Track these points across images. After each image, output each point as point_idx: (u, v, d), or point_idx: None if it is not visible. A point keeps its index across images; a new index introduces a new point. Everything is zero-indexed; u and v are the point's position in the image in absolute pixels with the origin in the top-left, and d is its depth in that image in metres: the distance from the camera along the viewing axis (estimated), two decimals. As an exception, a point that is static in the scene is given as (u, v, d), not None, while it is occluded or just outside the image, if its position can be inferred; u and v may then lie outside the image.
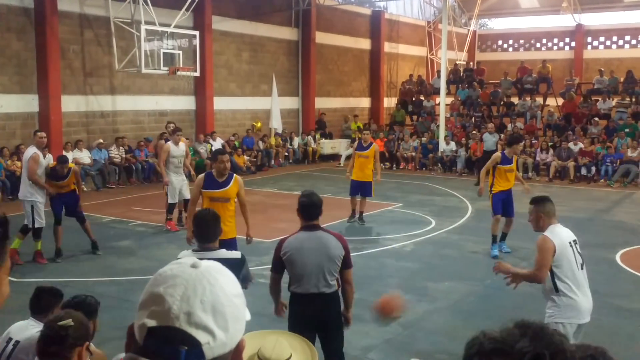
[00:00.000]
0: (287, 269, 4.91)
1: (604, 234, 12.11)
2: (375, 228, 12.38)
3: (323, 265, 4.79)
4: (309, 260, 4.78)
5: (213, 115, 20.76)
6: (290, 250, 4.84)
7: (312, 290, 4.83)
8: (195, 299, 1.20)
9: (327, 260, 4.80)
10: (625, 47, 29.47)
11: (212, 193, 7.15)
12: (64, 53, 16.78)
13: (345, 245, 4.91)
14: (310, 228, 4.90)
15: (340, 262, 4.86)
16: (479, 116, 24.44)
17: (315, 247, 4.80)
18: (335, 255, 4.82)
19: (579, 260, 5.05)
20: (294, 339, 2.79)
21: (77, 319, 3.00)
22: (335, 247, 4.83)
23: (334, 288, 4.91)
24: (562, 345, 1.02)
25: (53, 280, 8.16)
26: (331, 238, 4.87)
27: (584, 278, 5.05)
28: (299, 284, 4.86)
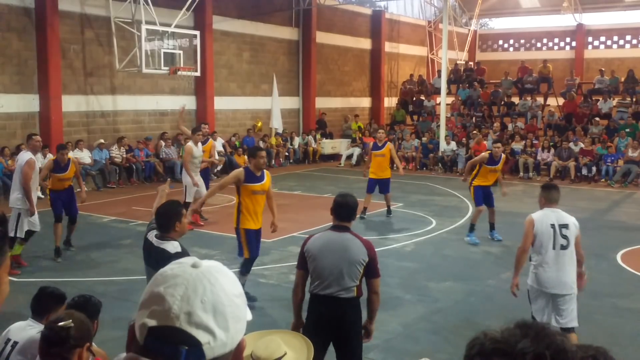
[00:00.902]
0: (308, 266, 4.78)
1: (604, 234, 12.11)
2: (375, 228, 12.38)
3: (342, 268, 4.64)
4: (328, 260, 4.66)
5: (214, 115, 20.75)
6: (313, 247, 4.75)
7: (328, 291, 4.68)
8: (195, 299, 1.20)
9: (347, 263, 4.64)
10: (626, 46, 29.45)
11: (254, 186, 7.66)
12: (64, 53, 16.79)
13: (370, 253, 4.71)
14: (338, 228, 4.80)
15: (361, 268, 4.68)
16: (479, 116, 24.44)
17: (338, 249, 4.68)
18: (356, 260, 4.65)
19: (558, 241, 5.76)
20: (291, 336, 2.78)
21: (78, 319, 2.99)
22: (357, 252, 4.67)
23: (352, 294, 4.70)
24: (563, 345, 1.02)
25: (53, 280, 8.17)
26: (356, 242, 4.72)
27: (557, 256, 5.75)
28: (317, 284, 4.73)
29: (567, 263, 5.79)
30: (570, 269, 5.80)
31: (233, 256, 9.94)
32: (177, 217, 4.89)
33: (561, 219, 5.86)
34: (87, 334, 3.01)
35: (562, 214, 5.93)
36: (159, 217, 4.92)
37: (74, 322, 2.92)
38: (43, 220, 9.99)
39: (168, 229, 4.85)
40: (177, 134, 19.63)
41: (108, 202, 14.98)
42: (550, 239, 5.77)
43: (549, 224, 5.80)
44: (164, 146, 18.93)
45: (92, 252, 10.39)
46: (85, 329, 2.99)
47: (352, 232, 4.82)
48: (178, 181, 17.86)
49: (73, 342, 2.88)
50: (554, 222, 5.82)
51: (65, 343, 2.86)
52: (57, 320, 2.92)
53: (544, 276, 5.79)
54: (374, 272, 4.74)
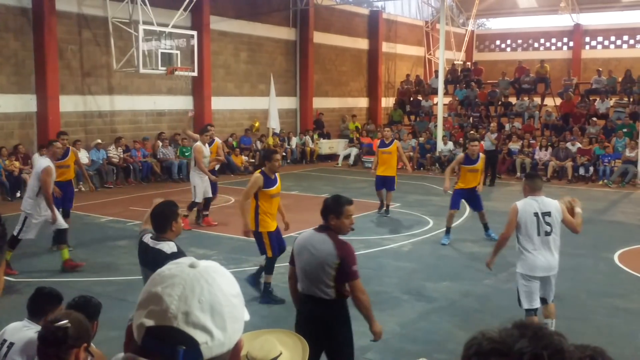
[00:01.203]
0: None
1: (602, 234, 12.12)
2: (373, 228, 12.38)
3: (315, 268, 4.58)
4: (304, 260, 4.65)
5: (211, 115, 20.73)
6: (296, 245, 4.78)
7: (308, 291, 4.68)
8: (193, 299, 1.20)
9: (318, 264, 4.56)
10: (623, 47, 29.49)
11: (271, 190, 7.82)
12: (62, 53, 16.77)
13: (342, 255, 4.54)
14: (319, 228, 4.75)
15: (333, 271, 4.53)
16: (476, 116, 24.46)
17: (311, 249, 4.63)
18: (325, 261, 4.54)
19: (542, 228, 6.12)
20: (286, 335, 2.77)
21: (75, 320, 2.98)
22: (327, 254, 4.54)
23: (331, 296, 4.60)
24: (560, 345, 1.02)
25: (50, 280, 8.15)
26: (328, 243, 4.58)
27: (543, 242, 6.13)
28: (300, 282, 4.76)
29: (552, 247, 6.18)
30: (555, 251, 6.22)
31: (231, 256, 9.95)
32: (173, 217, 4.88)
33: (544, 207, 6.17)
34: (85, 334, 3.00)
35: (545, 201, 6.23)
36: (155, 218, 4.89)
37: (72, 323, 2.91)
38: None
39: (164, 229, 4.83)
40: (174, 134, 19.63)
41: (105, 202, 14.96)
42: (535, 227, 6.12)
43: (532, 212, 6.12)
44: (161, 146, 18.91)
45: (90, 252, 10.37)
46: (83, 330, 2.98)
47: (329, 232, 4.66)
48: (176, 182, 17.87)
49: (70, 342, 2.87)
50: (537, 210, 6.14)
51: (62, 343, 2.85)
52: (55, 320, 2.91)
53: (534, 262, 6.14)
54: (348, 275, 4.57)
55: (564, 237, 6.41)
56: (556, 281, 6.44)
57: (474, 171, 10.88)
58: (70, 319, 2.94)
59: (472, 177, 10.89)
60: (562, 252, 10.48)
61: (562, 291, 8.54)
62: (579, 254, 10.53)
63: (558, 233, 6.23)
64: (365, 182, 18.85)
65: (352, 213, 4.70)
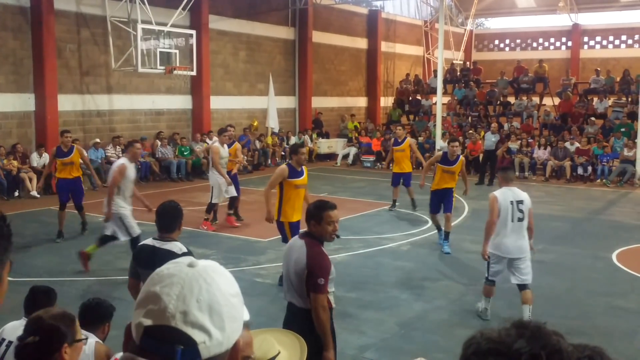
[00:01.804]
0: None
1: (600, 234, 12.14)
2: (372, 227, 12.38)
3: (294, 275, 4.38)
4: (286, 265, 4.53)
5: (210, 115, 20.73)
6: (284, 251, 4.75)
7: (287, 297, 4.53)
8: (191, 298, 1.19)
9: (294, 272, 4.36)
10: (621, 46, 29.52)
11: (296, 181, 8.15)
12: (60, 52, 16.75)
13: (310, 264, 4.27)
14: (302, 234, 4.58)
15: (302, 280, 4.31)
16: (475, 115, 24.48)
17: (290, 255, 4.46)
18: (296, 269, 4.34)
19: (515, 215, 6.91)
20: (284, 335, 2.76)
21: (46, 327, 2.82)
22: (298, 261, 4.33)
23: (308, 306, 4.34)
24: (558, 345, 1.02)
25: (49, 280, 8.14)
26: (301, 250, 4.35)
27: (515, 227, 6.91)
28: (284, 289, 4.62)
29: (523, 232, 6.99)
30: (525, 236, 7.00)
31: (229, 256, 9.95)
32: (181, 217, 4.84)
33: (517, 196, 6.97)
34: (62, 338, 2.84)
35: (517, 192, 7.05)
36: (161, 218, 4.80)
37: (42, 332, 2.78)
38: (37, 220, 9.97)
39: (172, 228, 4.76)
40: (173, 134, 19.62)
41: (104, 202, 14.91)
42: (509, 214, 6.89)
43: (509, 200, 6.91)
44: (159, 145, 18.89)
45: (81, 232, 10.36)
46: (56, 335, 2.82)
47: (307, 239, 4.41)
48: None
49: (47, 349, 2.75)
50: (512, 199, 6.93)
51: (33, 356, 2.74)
52: (22, 337, 2.80)
53: (504, 244, 6.95)
54: (310, 286, 4.27)
55: (564, 236, 6.45)
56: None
57: (450, 172, 10.53)
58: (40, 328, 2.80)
59: (448, 178, 10.58)
60: (561, 251, 10.55)
61: (560, 290, 8.56)
62: (577, 253, 10.54)
63: (527, 219, 6.98)
64: (364, 182, 18.85)
65: (334, 219, 4.40)
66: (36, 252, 10.04)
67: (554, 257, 10.27)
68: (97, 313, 4.09)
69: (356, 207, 14.35)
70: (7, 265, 1.49)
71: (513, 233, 6.92)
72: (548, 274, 9.25)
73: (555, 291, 8.49)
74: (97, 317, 4.08)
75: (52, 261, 9.71)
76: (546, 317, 7.23)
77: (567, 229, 12.54)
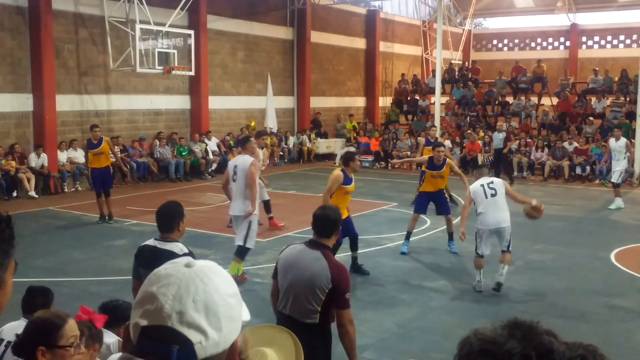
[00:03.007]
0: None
1: (598, 233, 12.15)
2: (370, 227, 12.38)
3: (301, 289, 4.15)
4: (290, 277, 4.22)
5: (208, 115, 20.73)
6: (283, 259, 4.35)
7: (287, 312, 4.24)
8: (187, 298, 1.19)
9: (306, 285, 4.13)
10: (619, 46, 29.54)
11: (349, 187, 8.53)
12: (58, 52, 16.74)
13: (337, 279, 4.11)
14: (311, 244, 4.30)
15: (323, 295, 4.11)
16: (474, 115, 24.49)
17: (301, 267, 4.19)
18: (316, 284, 4.11)
19: (488, 192, 8.28)
20: (279, 332, 2.75)
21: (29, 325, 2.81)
22: (319, 275, 4.11)
23: (314, 320, 4.16)
24: (550, 345, 1.02)
25: (48, 280, 8.14)
26: (322, 263, 4.15)
27: (490, 203, 8.24)
28: (280, 300, 4.33)
29: (499, 205, 8.25)
30: (503, 208, 8.28)
31: (228, 256, 9.94)
32: (179, 217, 4.83)
33: (487, 180, 8.42)
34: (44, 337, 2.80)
35: (489, 178, 8.51)
36: (160, 217, 4.79)
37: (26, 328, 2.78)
38: (36, 220, 9.96)
39: (171, 228, 4.75)
40: (171, 133, 19.62)
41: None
42: (482, 193, 8.26)
43: (479, 184, 8.34)
44: (158, 145, 18.89)
45: (87, 251, 10.37)
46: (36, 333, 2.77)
47: (325, 250, 4.25)
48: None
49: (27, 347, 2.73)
50: (482, 182, 8.36)
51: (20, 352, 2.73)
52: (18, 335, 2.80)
53: (486, 219, 8.26)
54: (340, 302, 4.14)
55: (563, 237, 6.49)
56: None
57: (439, 177, 10.50)
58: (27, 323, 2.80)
59: (436, 181, 10.53)
60: (559, 251, 10.56)
61: (559, 290, 8.57)
62: (576, 253, 10.55)
63: (502, 195, 8.28)
64: (363, 182, 18.85)
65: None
66: (35, 253, 10.03)
67: (552, 256, 10.28)
68: (114, 314, 4.08)
69: (355, 207, 14.29)
70: (10, 268, 1.49)
71: (490, 208, 8.19)
72: (546, 274, 9.27)
73: (554, 291, 8.51)
74: (114, 319, 4.06)
75: (51, 261, 9.71)
76: (544, 316, 7.25)
77: (566, 229, 12.55)
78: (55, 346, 2.77)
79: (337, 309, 4.17)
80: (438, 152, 10.49)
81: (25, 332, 2.76)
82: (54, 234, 11.63)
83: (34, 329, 2.80)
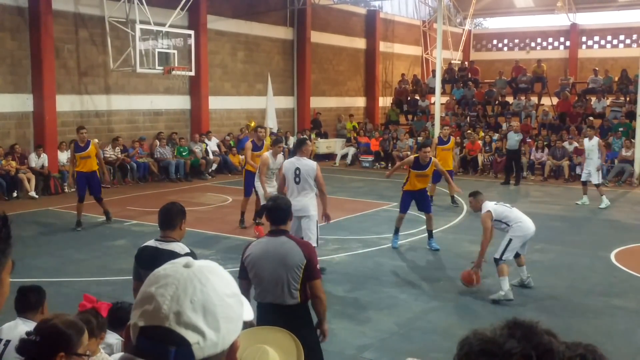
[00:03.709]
0: (249, 274, 4.61)
1: (598, 233, 12.15)
2: (370, 227, 12.39)
3: (281, 273, 4.48)
4: (267, 266, 4.51)
5: (208, 115, 20.73)
6: (250, 255, 4.61)
7: (270, 300, 4.54)
8: (185, 299, 1.19)
9: (284, 268, 4.48)
10: (619, 46, 29.53)
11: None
12: (58, 52, 16.74)
13: (308, 254, 4.54)
14: (274, 233, 4.66)
15: (300, 272, 4.50)
16: (474, 115, 24.49)
17: (274, 254, 4.53)
18: (293, 263, 4.48)
19: (506, 206, 8.50)
20: (279, 333, 2.74)
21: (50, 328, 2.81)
22: (294, 255, 4.50)
23: (296, 300, 4.54)
24: (550, 345, 1.02)
25: (49, 280, 8.15)
26: (293, 245, 4.56)
27: (517, 213, 8.39)
28: (259, 292, 4.60)
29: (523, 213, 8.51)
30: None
31: (228, 256, 9.95)
32: (181, 216, 4.83)
33: (493, 201, 8.57)
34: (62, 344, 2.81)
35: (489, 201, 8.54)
36: (164, 214, 4.78)
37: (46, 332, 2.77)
38: (36, 221, 9.94)
39: (173, 226, 4.73)
40: (171, 134, 19.62)
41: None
42: (504, 208, 8.36)
43: (493, 204, 8.38)
44: (158, 146, 18.89)
45: (87, 251, 10.37)
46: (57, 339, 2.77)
47: (288, 235, 4.67)
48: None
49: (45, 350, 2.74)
50: (492, 203, 8.45)
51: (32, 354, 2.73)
52: (28, 333, 2.80)
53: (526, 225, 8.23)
54: (312, 274, 4.55)
55: (563, 237, 6.51)
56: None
57: (424, 176, 10.68)
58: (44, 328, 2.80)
59: (420, 180, 10.68)
60: (559, 251, 10.56)
61: (559, 290, 8.56)
62: (576, 252, 10.55)
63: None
64: (363, 182, 18.87)
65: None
66: (35, 253, 10.03)
67: (552, 256, 10.28)
68: (120, 316, 4.08)
69: (355, 207, 14.36)
70: (8, 267, 1.48)
71: (522, 216, 8.34)
72: (547, 274, 9.26)
73: (554, 290, 8.51)
74: (120, 320, 4.05)
75: (51, 262, 9.71)
76: (545, 316, 7.25)
77: (566, 229, 12.54)
78: (74, 353, 2.80)
79: (311, 280, 4.54)
80: (424, 153, 10.61)
81: (46, 336, 2.74)
82: (54, 234, 11.64)
83: (57, 335, 2.79)
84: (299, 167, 8.75)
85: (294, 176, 8.71)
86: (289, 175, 8.74)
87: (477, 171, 21.00)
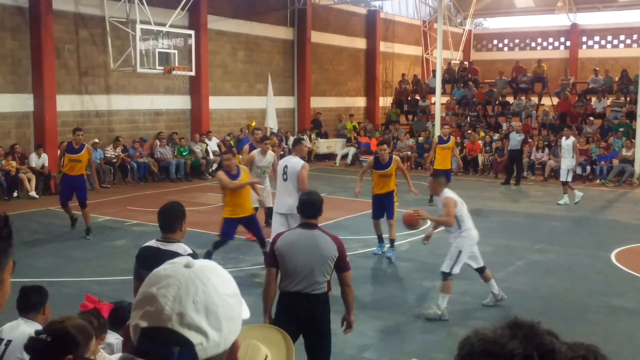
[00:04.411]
0: (279, 264, 4.85)
1: (599, 233, 12.15)
2: (370, 227, 12.35)
3: (314, 264, 4.74)
4: (299, 257, 4.74)
5: (208, 115, 20.73)
6: (283, 245, 4.83)
7: (298, 288, 4.77)
8: (187, 300, 1.19)
9: (318, 260, 4.75)
10: (620, 46, 29.52)
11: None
12: (58, 52, 16.74)
13: (340, 247, 4.84)
14: (306, 226, 4.89)
15: (332, 264, 4.80)
16: (474, 115, 24.48)
17: (308, 246, 4.77)
18: (327, 255, 4.77)
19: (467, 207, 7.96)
20: (271, 332, 2.75)
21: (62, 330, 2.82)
22: (328, 248, 4.78)
23: (323, 290, 4.82)
24: (552, 346, 1.02)
25: (49, 280, 8.14)
26: (326, 238, 4.83)
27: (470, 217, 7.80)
28: (288, 281, 4.81)
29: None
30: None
31: (228, 256, 9.95)
32: (182, 217, 4.82)
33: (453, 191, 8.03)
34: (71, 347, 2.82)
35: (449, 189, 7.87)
36: (163, 217, 4.79)
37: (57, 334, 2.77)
38: (36, 221, 9.95)
39: (173, 228, 4.74)
40: (172, 134, 19.62)
41: (103, 202, 14.92)
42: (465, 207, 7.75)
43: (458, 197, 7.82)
44: (158, 146, 18.89)
45: (87, 251, 10.37)
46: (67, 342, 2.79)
47: (320, 228, 4.93)
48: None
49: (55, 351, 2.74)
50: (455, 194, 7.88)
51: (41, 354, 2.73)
52: (38, 332, 2.80)
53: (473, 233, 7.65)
54: (344, 266, 4.87)
55: (563, 237, 6.50)
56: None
57: (386, 176, 10.22)
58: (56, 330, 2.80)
59: (385, 182, 10.25)
60: (560, 251, 10.55)
61: (559, 290, 8.56)
62: (576, 253, 10.55)
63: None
64: (363, 182, 18.82)
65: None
66: (35, 253, 10.03)
67: (552, 256, 10.28)
68: (115, 316, 4.09)
69: (355, 207, 14.35)
70: (9, 267, 1.48)
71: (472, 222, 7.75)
72: (547, 274, 9.26)
73: (554, 291, 8.51)
74: (120, 320, 4.06)
75: (51, 262, 9.72)
76: (545, 316, 7.24)
77: (566, 229, 12.54)
78: (81, 357, 2.81)
79: (343, 272, 4.87)
80: (382, 150, 10.19)
81: (57, 338, 2.75)
82: (54, 234, 11.64)
83: (68, 337, 2.80)
84: (287, 164, 8.97)
85: (282, 173, 8.97)
86: (279, 173, 9.09)
87: (477, 171, 20.99)
